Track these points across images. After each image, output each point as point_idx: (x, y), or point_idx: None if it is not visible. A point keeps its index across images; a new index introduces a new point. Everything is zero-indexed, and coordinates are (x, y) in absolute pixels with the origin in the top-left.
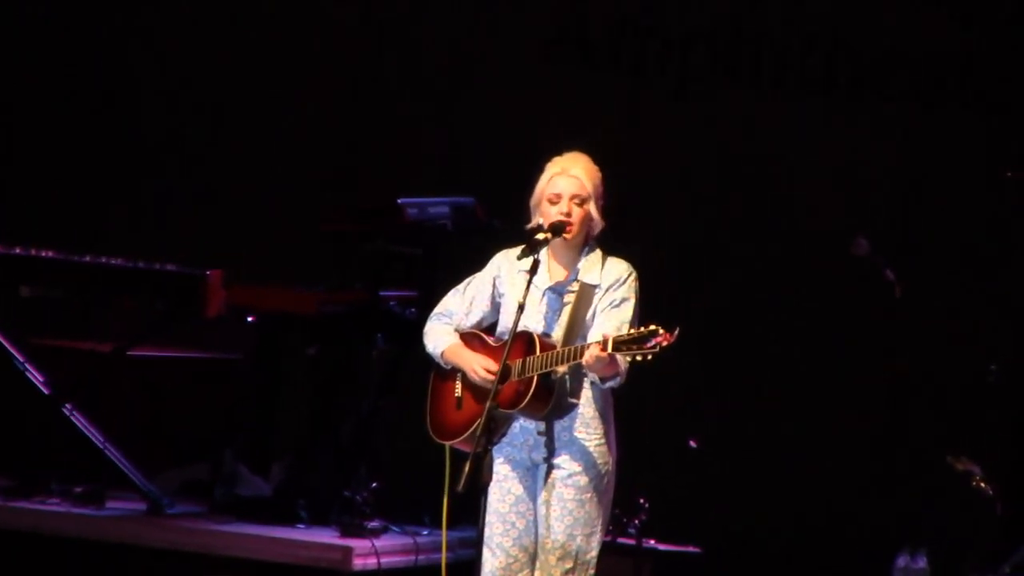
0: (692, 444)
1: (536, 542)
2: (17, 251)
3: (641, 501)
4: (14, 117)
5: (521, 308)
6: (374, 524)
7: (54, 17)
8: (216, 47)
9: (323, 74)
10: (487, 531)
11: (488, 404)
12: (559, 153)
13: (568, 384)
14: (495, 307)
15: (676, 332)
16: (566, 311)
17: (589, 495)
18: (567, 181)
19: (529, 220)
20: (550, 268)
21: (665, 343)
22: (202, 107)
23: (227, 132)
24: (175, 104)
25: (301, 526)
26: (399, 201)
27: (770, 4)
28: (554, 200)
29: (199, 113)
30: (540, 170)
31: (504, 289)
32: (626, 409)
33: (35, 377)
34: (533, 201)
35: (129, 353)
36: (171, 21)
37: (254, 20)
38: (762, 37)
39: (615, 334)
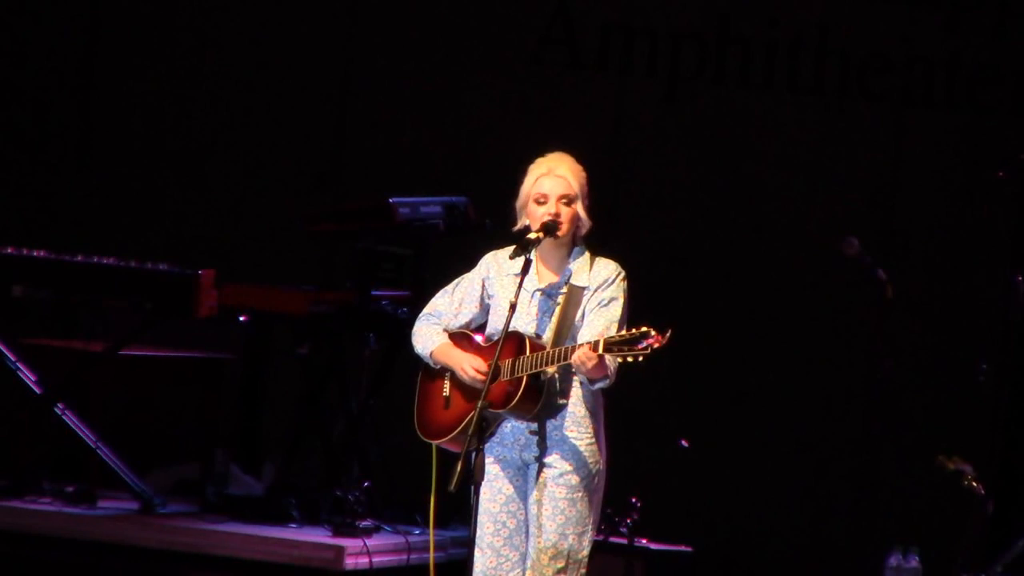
0: (683, 443)
1: (527, 542)
2: (9, 251)
3: (633, 500)
4: (3, 116)
5: (513, 308)
6: (366, 523)
7: (44, 16)
8: (205, 46)
9: (312, 73)
10: (478, 531)
11: (479, 403)
12: (547, 153)
13: (558, 384)
14: (484, 308)
15: (668, 334)
16: (555, 312)
17: (580, 494)
18: (553, 181)
19: (515, 223)
20: (539, 270)
21: (656, 345)
22: (193, 107)
23: (218, 131)
24: (167, 105)
25: (293, 525)
26: (391, 200)
27: (759, 5)
28: (541, 201)
29: (190, 113)
30: (524, 172)
31: (493, 290)
32: (618, 408)
33: (27, 376)
34: (519, 203)
35: (121, 352)
36: (161, 21)
37: (244, 19)
38: (751, 38)
39: (605, 334)
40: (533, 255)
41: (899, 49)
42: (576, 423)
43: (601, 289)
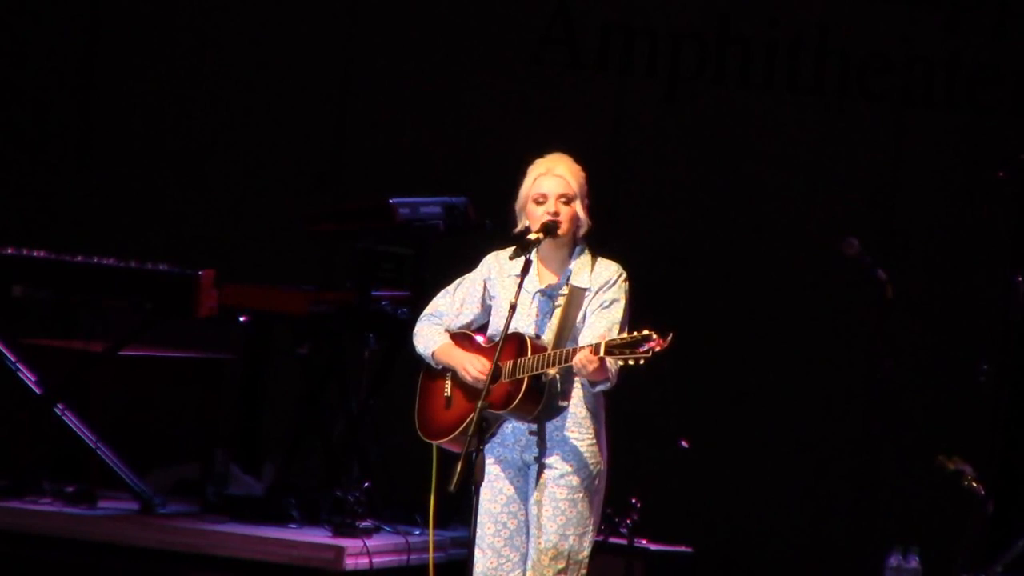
0: (683, 444)
1: (528, 542)
2: (9, 251)
3: (633, 501)
4: (3, 116)
5: (513, 308)
6: (366, 524)
7: (44, 16)
8: (205, 46)
9: (312, 73)
10: (478, 531)
11: (479, 404)
12: (546, 154)
13: (559, 386)
14: (486, 309)
15: (669, 337)
16: (556, 314)
17: (581, 495)
18: (552, 181)
19: (516, 225)
20: (540, 271)
21: (658, 348)
22: (193, 107)
23: (218, 131)
24: (167, 105)
25: (293, 526)
26: (391, 201)
27: (759, 5)
28: (540, 201)
29: (190, 113)
30: (524, 172)
31: (495, 291)
32: (618, 409)
33: (27, 376)
34: (518, 205)
35: (121, 352)
36: (161, 21)
37: (244, 19)
38: (751, 38)
39: (607, 336)
40: (533, 256)
41: (899, 49)
42: (577, 424)
43: (603, 291)
